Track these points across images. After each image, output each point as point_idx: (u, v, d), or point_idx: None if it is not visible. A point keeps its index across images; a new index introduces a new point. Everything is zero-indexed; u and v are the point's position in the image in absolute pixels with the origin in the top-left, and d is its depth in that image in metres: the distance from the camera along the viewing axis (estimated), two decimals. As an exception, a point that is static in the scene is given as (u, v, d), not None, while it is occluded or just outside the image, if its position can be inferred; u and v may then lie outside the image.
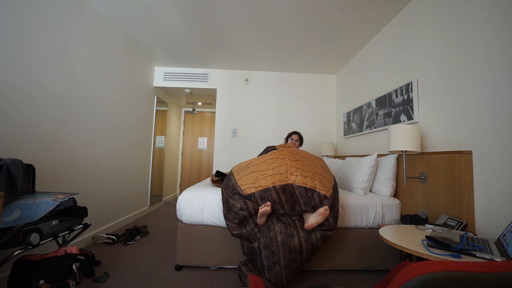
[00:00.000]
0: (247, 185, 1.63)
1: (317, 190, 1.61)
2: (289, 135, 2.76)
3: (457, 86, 1.70)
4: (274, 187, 1.60)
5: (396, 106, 2.35)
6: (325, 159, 3.43)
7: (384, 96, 2.55)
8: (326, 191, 1.63)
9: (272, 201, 1.61)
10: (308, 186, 1.60)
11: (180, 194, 4.35)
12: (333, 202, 1.65)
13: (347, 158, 2.74)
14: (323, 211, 1.57)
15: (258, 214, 1.60)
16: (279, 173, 1.62)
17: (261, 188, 1.60)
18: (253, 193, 1.61)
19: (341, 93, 3.87)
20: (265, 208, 1.57)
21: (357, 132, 3.19)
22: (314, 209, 1.62)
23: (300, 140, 2.71)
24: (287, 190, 1.61)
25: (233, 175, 1.75)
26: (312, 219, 1.60)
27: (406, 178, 1.94)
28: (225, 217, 1.72)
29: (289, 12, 2.44)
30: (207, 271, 1.90)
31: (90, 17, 2.39)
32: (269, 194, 1.60)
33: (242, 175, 1.69)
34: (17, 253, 1.22)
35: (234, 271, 1.92)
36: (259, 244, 1.61)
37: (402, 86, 2.25)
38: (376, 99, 2.73)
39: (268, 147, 2.17)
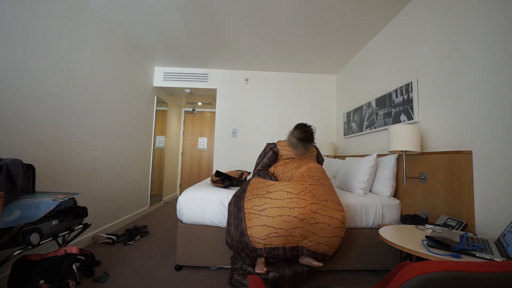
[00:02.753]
0: (257, 238, 1.54)
1: (325, 253, 1.59)
2: (304, 146, 2.08)
3: (457, 86, 1.70)
4: (284, 247, 1.54)
5: (396, 106, 2.35)
6: (325, 159, 3.43)
7: (384, 96, 2.55)
8: (333, 251, 1.60)
9: (277, 256, 1.59)
10: (318, 251, 1.57)
11: (180, 194, 4.35)
12: (334, 255, 1.65)
13: (347, 158, 2.74)
14: (316, 264, 1.58)
15: (255, 268, 1.59)
16: (292, 235, 1.53)
17: (269, 246, 1.53)
18: (260, 248, 1.54)
19: (341, 93, 3.87)
20: (260, 271, 1.53)
21: (357, 132, 3.19)
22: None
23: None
24: (295, 249, 1.56)
25: (244, 217, 1.60)
26: (305, 261, 1.62)
27: (406, 178, 1.94)
28: (227, 243, 1.71)
29: (289, 12, 2.44)
30: (207, 271, 1.90)
31: (90, 17, 2.39)
32: (276, 252, 1.55)
33: (254, 224, 1.55)
34: (17, 253, 1.22)
35: (234, 271, 1.92)
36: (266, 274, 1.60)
37: (402, 86, 2.25)
38: (376, 99, 2.73)
39: (268, 145, 2.09)
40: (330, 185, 1.75)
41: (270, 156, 2.06)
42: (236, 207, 1.68)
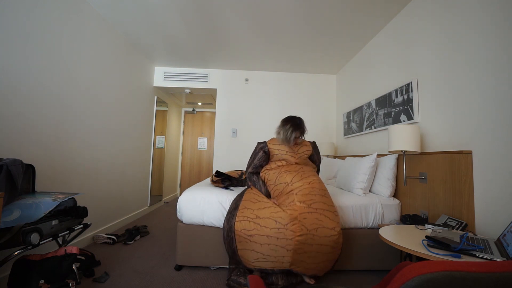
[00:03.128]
0: (247, 260, 1.62)
1: (315, 275, 1.63)
2: (287, 133, 1.88)
3: (457, 86, 1.70)
4: (273, 269, 1.60)
5: (396, 106, 2.35)
6: (325, 159, 3.43)
7: (384, 96, 2.55)
8: (324, 272, 1.65)
9: (267, 273, 1.65)
10: (308, 274, 1.61)
11: (180, 194, 4.35)
12: (331, 270, 1.70)
13: (347, 158, 2.74)
14: (307, 281, 1.64)
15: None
16: (280, 261, 1.57)
17: (259, 267, 1.61)
18: (251, 268, 1.63)
19: (341, 93, 3.87)
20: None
21: (357, 132, 3.19)
22: None
23: (301, 132, 1.92)
24: (285, 270, 1.61)
25: (235, 238, 1.64)
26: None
27: (406, 178, 1.94)
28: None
29: (289, 12, 2.44)
30: (207, 271, 1.90)
31: (90, 17, 2.39)
32: (267, 271, 1.62)
33: (243, 247, 1.62)
34: (17, 253, 1.22)
35: (234, 271, 1.92)
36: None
37: (402, 86, 2.25)
38: (376, 99, 2.73)
39: (258, 144, 1.97)
40: (324, 207, 1.66)
41: (260, 156, 1.95)
42: (228, 225, 1.70)
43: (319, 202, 1.67)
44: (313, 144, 2.07)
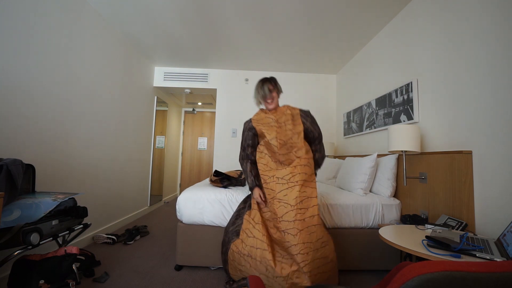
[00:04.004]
0: (237, 276, 1.65)
1: None
2: (262, 89, 1.89)
3: (457, 86, 1.70)
4: None
5: (396, 106, 2.35)
6: (325, 159, 3.42)
7: (384, 96, 2.55)
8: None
9: None
10: None
11: (180, 194, 4.36)
12: None
13: (347, 158, 2.74)
14: None
15: None
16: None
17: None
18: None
19: (341, 93, 3.87)
20: None
21: (357, 132, 3.19)
22: None
23: (277, 89, 1.98)
24: None
25: (228, 262, 1.66)
26: None
27: (406, 178, 1.94)
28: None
29: (289, 12, 2.44)
30: (207, 271, 1.90)
31: (90, 17, 2.39)
32: None
33: (234, 273, 1.65)
34: (17, 253, 1.22)
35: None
36: None
37: (402, 86, 2.25)
38: (376, 99, 2.73)
39: (244, 125, 1.86)
40: (317, 245, 1.49)
41: (247, 136, 1.82)
42: (224, 246, 1.71)
43: (312, 242, 1.49)
44: (306, 114, 1.83)
